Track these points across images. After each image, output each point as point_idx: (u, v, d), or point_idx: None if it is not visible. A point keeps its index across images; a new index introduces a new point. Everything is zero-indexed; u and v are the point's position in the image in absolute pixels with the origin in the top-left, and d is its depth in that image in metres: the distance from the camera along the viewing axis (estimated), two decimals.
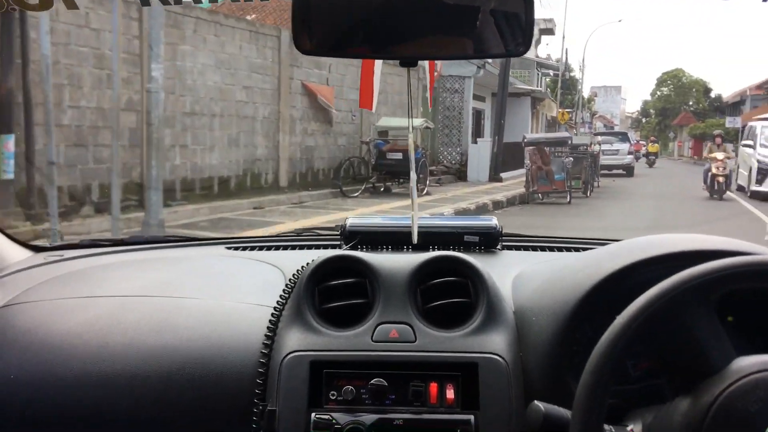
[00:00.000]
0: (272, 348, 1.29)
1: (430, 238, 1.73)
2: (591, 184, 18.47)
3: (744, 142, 20.56)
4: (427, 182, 16.07)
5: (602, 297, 1.18)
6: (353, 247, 1.70)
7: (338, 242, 1.79)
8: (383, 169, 15.56)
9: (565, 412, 0.95)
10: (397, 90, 18.80)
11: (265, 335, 1.31)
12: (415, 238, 1.66)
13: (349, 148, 16.82)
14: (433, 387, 1.24)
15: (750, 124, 22.53)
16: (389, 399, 1.23)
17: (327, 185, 15.30)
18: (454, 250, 1.57)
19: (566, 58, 43.34)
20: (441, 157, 22.02)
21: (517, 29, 1.21)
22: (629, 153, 29.45)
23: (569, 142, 17.69)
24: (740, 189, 19.65)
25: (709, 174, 17.14)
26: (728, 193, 17.32)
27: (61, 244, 1.99)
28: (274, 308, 1.36)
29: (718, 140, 18.20)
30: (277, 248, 1.83)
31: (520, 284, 1.44)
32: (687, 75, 66.86)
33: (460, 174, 20.79)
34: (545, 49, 73.97)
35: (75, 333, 1.35)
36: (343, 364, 1.26)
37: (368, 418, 1.21)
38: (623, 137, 30.92)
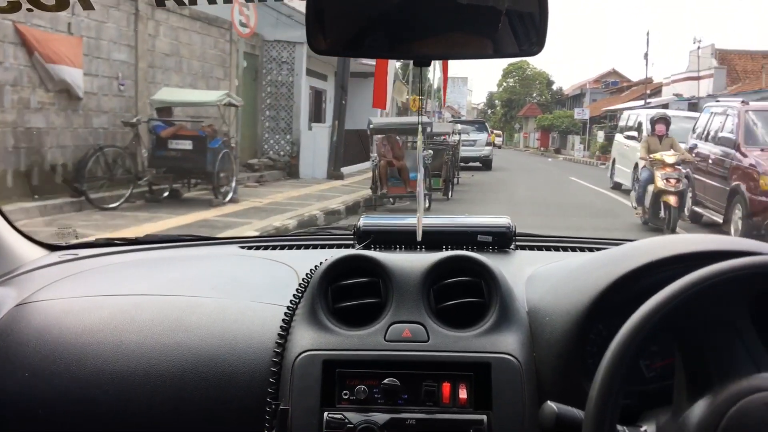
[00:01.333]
0: (285, 347, 1.29)
1: (443, 237, 1.72)
2: (452, 182, 15.18)
3: (627, 133, 16.29)
4: (233, 183, 11.39)
5: (616, 297, 1.18)
6: (366, 247, 1.70)
7: (351, 242, 1.79)
8: (163, 165, 10.73)
9: (578, 413, 0.95)
10: (196, 54, 14.07)
11: (278, 334, 1.31)
12: (419, 236, 1.66)
13: (114, 133, 11.25)
14: (446, 387, 1.24)
15: (629, 112, 19.32)
16: (402, 399, 1.23)
17: (65, 191, 9.79)
18: (467, 249, 1.56)
19: None
20: (266, 146, 17.31)
21: (531, 29, 1.21)
22: (487, 144, 26.34)
23: (429, 129, 14.06)
24: (616, 188, 16.79)
25: (650, 189, 10.07)
26: (680, 222, 10.17)
27: (75, 242, 2.00)
28: (287, 307, 1.36)
29: (660, 129, 10.70)
30: (290, 248, 1.84)
31: (534, 284, 1.43)
32: (531, 67, 66.85)
33: (290, 169, 16.51)
34: None
35: (89, 331, 1.36)
36: (355, 364, 1.26)
37: (381, 417, 1.21)
38: (480, 126, 27.99)
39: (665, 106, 25.61)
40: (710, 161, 11.26)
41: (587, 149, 39.25)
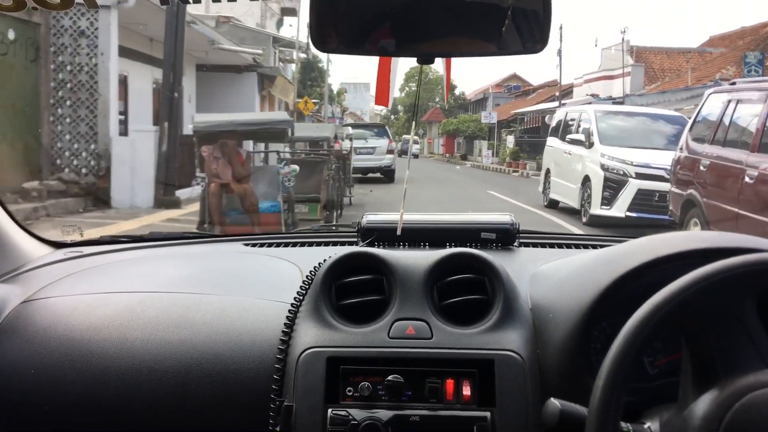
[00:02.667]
0: (289, 344, 1.30)
1: (446, 235, 1.73)
2: (338, 207, 11.22)
3: (572, 137, 12.30)
4: None
5: (620, 294, 1.18)
6: (370, 244, 1.71)
7: (355, 239, 1.79)
8: None
9: (581, 410, 0.95)
10: None
11: (283, 331, 1.32)
12: (399, 230, 1.68)
13: None
14: (450, 383, 1.24)
15: (568, 110, 14.67)
16: (405, 395, 1.24)
17: None
18: (471, 247, 1.57)
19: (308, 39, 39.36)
20: (59, 161, 11.48)
21: (535, 26, 1.21)
22: (389, 151, 21.90)
23: (288, 132, 9.43)
24: (552, 206, 13.13)
25: None
26: None
27: (80, 240, 2.01)
28: (292, 304, 1.36)
29: None
30: (294, 245, 1.84)
31: (538, 281, 1.44)
32: (433, 71, 63.18)
33: (97, 194, 11.19)
34: (289, 30, 69.13)
35: (94, 328, 1.37)
36: (359, 361, 1.26)
37: (384, 414, 1.22)
38: (380, 131, 23.09)
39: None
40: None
41: (496, 155, 36.10)
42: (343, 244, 1.83)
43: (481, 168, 33.98)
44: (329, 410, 1.22)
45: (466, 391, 1.24)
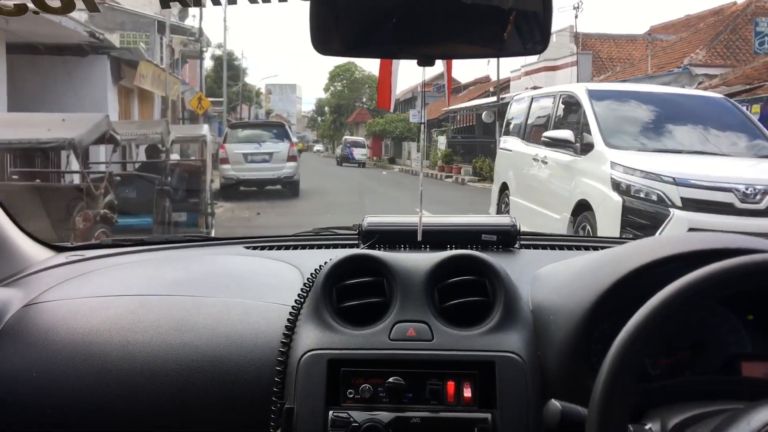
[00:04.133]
0: (290, 346, 1.30)
1: (447, 236, 1.73)
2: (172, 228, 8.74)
3: (550, 134, 7.52)
4: None
5: (621, 295, 1.18)
6: (371, 246, 1.71)
7: (356, 241, 1.79)
8: None
9: (582, 411, 0.95)
10: None
11: (284, 334, 1.32)
12: (419, 236, 1.66)
13: None
14: (451, 385, 1.24)
15: (535, 94, 9.43)
16: (406, 397, 1.24)
17: None
18: (471, 249, 1.57)
19: (201, 24, 33.05)
20: None
21: (535, 28, 1.21)
22: (290, 158, 17.44)
23: (76, 139, 6.61)
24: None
25: None
26: None
27: (81, 243, 2.01)
28: (292, 307, 1.36)
29: None
30: (295, 247, 1.84)
31: (538, 283, 1.43)
32: (359, 69, 59.64)
33: None
34: (193, 21, 60.14)
35: (96, 332, 1.37)
36: (360, 363, 1.26)
37: (385, 416, 1.21)
38: (279, 132, 18.38)
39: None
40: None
41: (427, 158, 33.16)
42: (343, 246, 1.83)
43: (410, 173, 31.14)
44: (330, 412, 1.22)
45: (467, 392, 1.24)
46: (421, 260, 1.40)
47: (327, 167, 33.42)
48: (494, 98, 26.57)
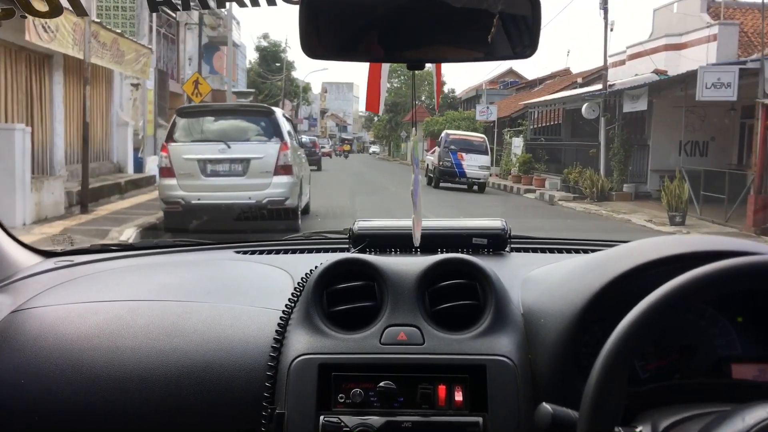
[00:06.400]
0: (281, 351, 1.29)
1: (438, 240, 1.73)
2: None
3: None
4: None
5: (611, 298, 1.18)
6: (361, 251, 1.70)
7: (346, 245, 1.79)
8: None
9: (573, 414, 0.95)
10: None
11: (274, 339, 1.31)
12: (416, 241, 1.66)
13: None
14: (442, 389, 1.24)
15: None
16: (397, 401, 1.23)
17: None
18: (462, 252, 1.57)
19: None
20: None
21: (524, 31, 1.22)
22: (282, 168, 9.83)
23: None
24: None
25: None
26: None
27: (70, 249, 1.99)
28: (283, 312, 1.36)
29: None
30: (286, 252, 1.84)
31: (529, 286, 1.44)
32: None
33: None
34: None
35: (85, 337, 1.36)
36: (351, 367, 1.26)
37: (376, 420, 1.21)
38: (265, 124, 10.25)
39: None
40: None
41: (496, 164, 26.43)
42: (334, 250, 1.83)
43: (499, 187, 23.42)
44: (321, 417, 1.22)
45: (458, 396, 1.24)
46: (411, 264, 1.40)
47: (393, 183, 20.98)
48: (585, 89, 20.92)
